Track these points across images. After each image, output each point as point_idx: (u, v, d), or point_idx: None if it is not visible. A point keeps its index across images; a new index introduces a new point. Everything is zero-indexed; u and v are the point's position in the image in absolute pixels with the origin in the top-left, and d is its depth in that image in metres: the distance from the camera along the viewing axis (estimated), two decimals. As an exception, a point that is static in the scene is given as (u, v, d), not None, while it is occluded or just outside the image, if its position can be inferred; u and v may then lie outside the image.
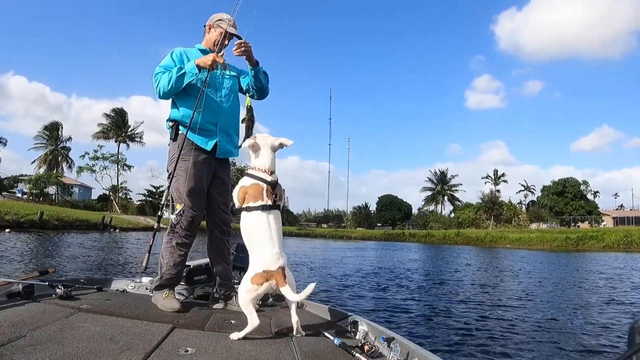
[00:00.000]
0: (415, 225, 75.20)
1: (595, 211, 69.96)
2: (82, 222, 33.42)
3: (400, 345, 2.25)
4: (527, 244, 46.70)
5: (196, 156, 3.07)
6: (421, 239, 57.26)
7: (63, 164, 61.73)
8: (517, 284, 13.25)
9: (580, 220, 66.72)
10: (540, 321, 7.64)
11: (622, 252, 36.87)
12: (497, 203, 67.04)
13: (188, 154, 3.06)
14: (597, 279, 15.26)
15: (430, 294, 10.35)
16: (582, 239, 45.24)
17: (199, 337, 2.31)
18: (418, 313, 7.84)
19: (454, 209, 77.90)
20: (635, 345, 1.01)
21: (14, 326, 2.12)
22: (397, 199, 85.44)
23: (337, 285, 11.07)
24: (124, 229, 36.54)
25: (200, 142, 3.10)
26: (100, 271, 10.71)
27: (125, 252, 17.35)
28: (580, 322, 7.73)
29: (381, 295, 9.79)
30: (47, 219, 29.28)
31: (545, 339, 6.52)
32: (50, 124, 61.98)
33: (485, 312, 8.19)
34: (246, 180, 2.63)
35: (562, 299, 10.35)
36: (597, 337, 6.68)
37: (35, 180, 53.54)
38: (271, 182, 2.62)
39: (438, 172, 79.64)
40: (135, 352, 1.96)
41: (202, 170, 3.10)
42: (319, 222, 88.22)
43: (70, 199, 58.21)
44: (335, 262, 18.71)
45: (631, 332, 1.09)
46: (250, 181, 2.61)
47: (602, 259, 27.33)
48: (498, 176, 73.29)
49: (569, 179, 72.51)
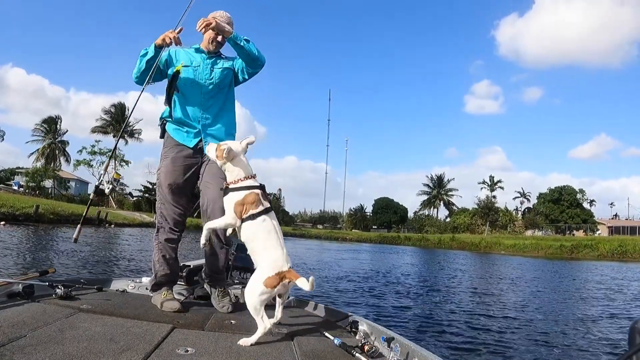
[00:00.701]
0: (411, 229, 75.41)
1: (590, 220, 70.08)
2: (77, 216, 33.11)
3: (401, 345, 2.25)
4: (521, 251, 46.87)
5: (177, 152, 3.10)
6: (416, 243, 57.42)
7: (60, 157, 61.54)
8: (513, 289, 13.30)
9: (575, 228, 66.89)
10: (537, 323, 7.71)
11: (617, 262, 36.99)
12: (493, 209, 67.19)
13: (170, 151, 3.12)
14: (593, 288, 15.32)
15: (427, 297, 10.39)
16: (577, 247, 45.46)
17: (199, 337, 2.31)
18: (416, 314, 7.86)
19: (449, 214, 78.02)
20: (635, 346, 1.02)
21: (14, 326, 2.11)
22: (393, 201, 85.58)
23: (336, 286, 11.09)
24: (119, 225, 36.44)
25: (180, 139, 3.12)
26: (93, 268, 10.67)
27: (118, 248, 17.33)
28: (580, 323, 7.77)
29: (379, 295, 9.81)
30: (42, 212, 29.21)
31: (543, 340, 6.57)
32: (49, 117, 61.80)
33: (483, 314, 8.26)
34: (237, 195, 2.55)
35: (558, 305, 10.38)
36: (596, 340, 6.73)
37: (32, 173, 53.36)
38: (262, 186, 2.61)
39: (434, 177, 79.82)
40: (135, 352, 1.96)
41: (182, 165, 3.08)
42: (314, 223, 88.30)
43: (67, 193, 58.02)
44: (330, 264, 18.74)
45: (631, 332, 1.11)
46: (242, 193, 2.55)
47: (597, 268, 27.42)
48: (494, 182, 73.41)
49: (565, 186, 72.67)
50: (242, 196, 2.53)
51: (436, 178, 79.53)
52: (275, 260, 2.40)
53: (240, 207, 2.52)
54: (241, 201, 2.52)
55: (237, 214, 2.52)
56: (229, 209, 2.56)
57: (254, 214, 2.51)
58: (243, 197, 2.53)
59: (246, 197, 2.53)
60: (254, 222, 2.51)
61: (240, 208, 2.52)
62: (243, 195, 2.53)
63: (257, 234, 2.50)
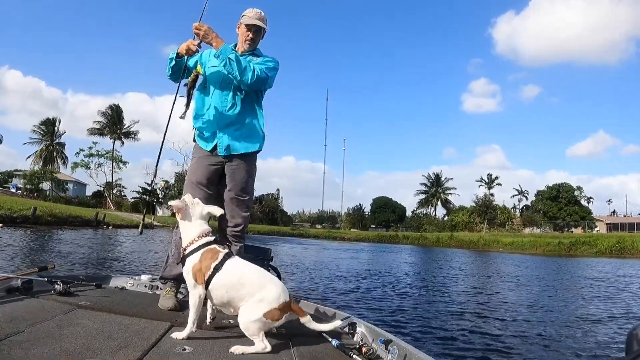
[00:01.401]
0: (409, 228, 75.35)
1: (588, 217, 70.25)
2: (75, 218, 33.21)
3: (398, 348, 2.26)
4: (520, 248, 46.89)
5: (202, 153, 3.18)
6: (414, 242, 57.39)
7: (58, 159, 61.43)
8: (512, 289, 13.32)
9: (573, 225, 67.03)
10: (536, 323, 7.70)
11: (615, 258, 37.05)
12: (491, 207, 67.24)
13: (196, 152, 3.25)
14: (591, 285, 15.35)
15: (425, 298, 10.37)
16: (575, 245, 45.47)
17: (196, 335, 2.31)
18: (414, 315, 7.86)
19: (447, 212, 78.02)
20: (632, 352, 1.01)
21: (12, 321, 2.12)
22: (391, 201, 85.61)
23: (334, 286, 11.08)
24: (117, 226, 36.36)
25: (200, 143, 3.21)
26: (88, 269, 10.65)
27: (114, 248, 17.30)
28: (579, 322, 7.78)
29: (377, 296, 9.80)
30: (40, 214, 29.09)
31: (542, 340, 6.56)
32: (47, 119, 61.66)
33: (482, 315, 8.24)
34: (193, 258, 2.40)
35: (557, 304, 10.40)
36: (595, 343, 6.72)
37: (29, 176, 53.29)
38: (216, 240, 2.52)
39: (432, 176, 79.78)
40: (132, 350, 1.97)
41: (201, 166, 3.15)
42: (313, 222, 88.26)
43: (65, 195, 57.94)
44: (328, 264, 18.72)
45: (629, 338, 1.10)
46: (197, 256, 2.39)
47: (595, 264, 27.46)
48: (492, 179, 73.51)
49: (563, 184, 72.84)
50: (197, 259, 2.38)
51: (434, 176, 79.59)
52: (273, 291, 2.30)
53: (198, 270, 2.36)
54: (198, 265, 2.36)
55: (197, 281, 2.35)
56: (188, 275, 2.39)
57: (217, 266, 2.35)
58: (198, 259, 2.38)
59: (202, 258, 2.38)
60: (223, 271, 2.36)
61: (198, 271, 2.36)
62: (198, 258, 2.38)
63: (238, 278, 2.35)
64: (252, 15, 3.14)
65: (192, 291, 2.35)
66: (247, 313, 2.25)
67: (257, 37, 3.20)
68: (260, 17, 3.17)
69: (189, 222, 2.49)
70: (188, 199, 2.54)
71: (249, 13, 3.16)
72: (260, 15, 3.17)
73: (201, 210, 2.52)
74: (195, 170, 3.15)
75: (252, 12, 3.16)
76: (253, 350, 2.20)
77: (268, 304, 2.25)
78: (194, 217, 2.49)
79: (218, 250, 2.41)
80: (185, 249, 2.44)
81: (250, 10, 3.17)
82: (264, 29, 3.20)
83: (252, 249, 3.82)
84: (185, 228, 2.49)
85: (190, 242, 2.44)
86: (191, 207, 2.51)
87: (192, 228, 2.47)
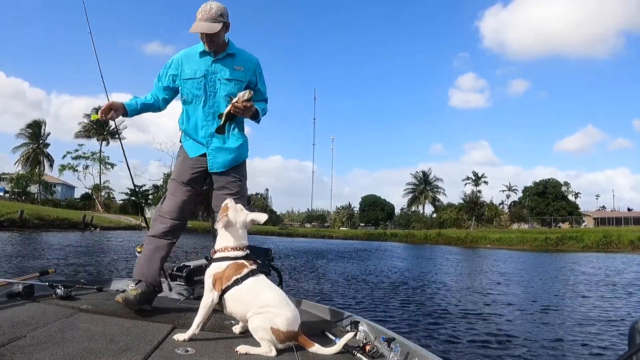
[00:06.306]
0: (398, 225, 75.63)
1: (576, 212, 70.88)
2: (62, 221, 32.97)
3: (401, 346, 2.26)
4: (507, 244, 47.23)
5: (184, 154, 3.07)
6: (402, 239, 57.49)
7: (45, 162, 60.75)
8: (507, 285, 13.45)
9: (561, 220, 67.62)
10: (536, 318, 7.83)
11: (602, 253, 37.51)
12: (479, 203, 67.67)
13: (181, 152, 3.12)
14: (577, 278, 15.57)
15: (425, 296, 10.44)
16: (562, 239, 45.93)
17: (199, 337, 2.31)
18: (416, 313, 7.91)
19: (435, 210, 78.33)
20: (635, 346, 1.03)
21: (14, 326, 2.12)
22: (380, 199, 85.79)
23: (331, 286, 11.12)
24: (105, 228, 36.13)
25: (186, 148, 3.07)
26: (78, 275, 10.58)
27: (102, 252, 17.17)
28: (579, 320, 7.89)
29: (375, 296, 9.85)
30: (27, 217, 28.85)
31: (542, 336, 6.63)
32: (33, 121, 60.82)
33: (482, 312, 8.37)
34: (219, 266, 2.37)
35: (552, 298, 10.53)
36: (593, 338, 6.79)
37: (16, 179, 52.70)
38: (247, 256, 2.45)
39: (420, 174, 79.90)
40: (135, 353, 1.97)
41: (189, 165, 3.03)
42: (302, 222, 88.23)
43: (52, 198, 57.33)
44: (322, 264, 18.74)
45: (631, 332, 1.11)
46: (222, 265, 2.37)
47: (581, 259, 27.79)
48: (479, 177, 73.84)
49: (550, 179, 73.34)
50: (222, 267, 2.36)
51: (422, 174, 79.76)
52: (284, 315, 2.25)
53: (218, 279, 2.34)
54: (220, 274, 2.34)
55: (215, 288, 2.34)
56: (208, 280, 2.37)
57: (237, 280, 2.33)
58: (223, 269, 2.35)
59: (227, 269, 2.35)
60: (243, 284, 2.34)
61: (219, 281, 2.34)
62: (223, 268, 2.35)
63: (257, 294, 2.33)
64: (199, 17, 2.76)
65: (206, 294, 2.34)
66: (259, 320, 2.24)
67: (215, 39, 2.83)
68: (210, 15, 2.74)
69: (231, 227, 2.43)
70: (231, 204, 2.47)
71: (197, 14, 2.77)
72: (208, 14, 2.75)
73: (245, 217, 2.47)
74: (180, 170, 3.05)
75: (201, 12, 2.76)
76: (258, 351, 2.19)
77: (278, 322, 2.22)
78: (237, 224, 2.44)
79: (244, 265, 2.37)
80: (216, 252, 2.42)
81: (200, 10, 2.77)
82: (224, 23, 2.81)
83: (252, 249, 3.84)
84: (224, 233, 2.42)
85: (223, 249, 2.40)
86: (234, 214, 2.44)
87: (231, 236, 2.42)
